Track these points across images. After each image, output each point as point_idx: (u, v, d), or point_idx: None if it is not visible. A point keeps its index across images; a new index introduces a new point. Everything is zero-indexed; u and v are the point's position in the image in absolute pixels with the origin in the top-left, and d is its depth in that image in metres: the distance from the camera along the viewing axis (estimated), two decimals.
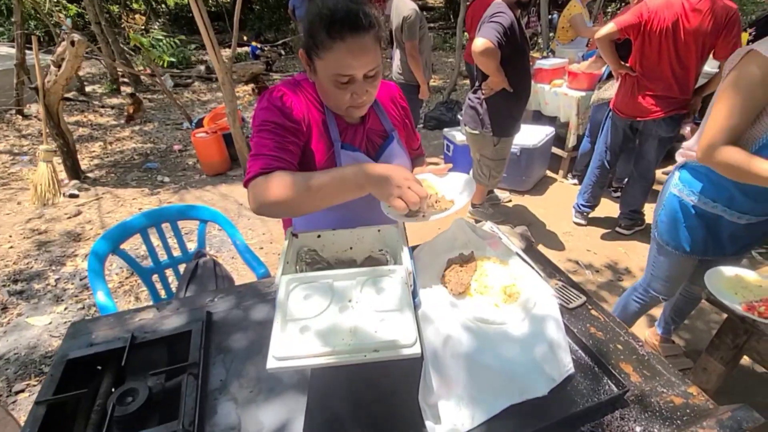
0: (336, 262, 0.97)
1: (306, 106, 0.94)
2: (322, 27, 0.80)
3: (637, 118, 2.47)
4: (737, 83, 1.12)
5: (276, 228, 3.11)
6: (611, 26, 2.31)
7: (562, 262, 2.68)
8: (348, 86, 0.86)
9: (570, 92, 3.43)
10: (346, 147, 0.97)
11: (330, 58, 0.82)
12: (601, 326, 0.93)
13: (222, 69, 3.34)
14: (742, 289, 1.09)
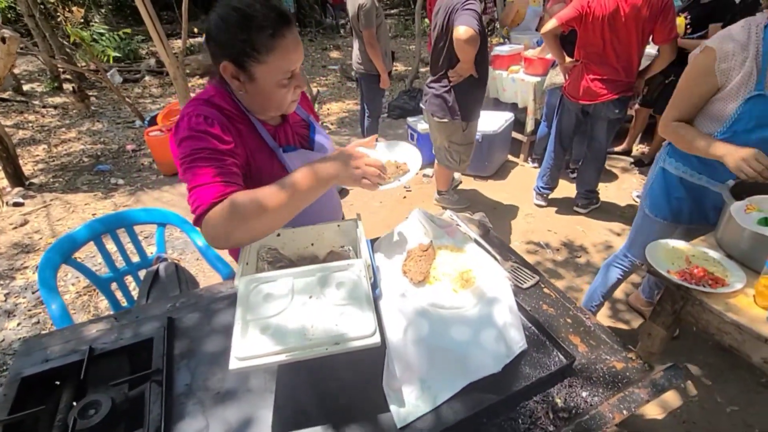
0: (298, 259, 0.98)
1: (230, 122, 0.85)
2: (260, 31, 0.77)
3: (587, 102, 2.59)
4: (688, 71, 1.29)
5: None
6: (553, 22, 2.42)
7: (524, 243, 2.80)
8: (291, 81, 0.85)
9: (526, 78, 3.53)
10: (287, 149, 0.95)
11: (274, 59, 0.80)
12: (552, 302, 1.00)
13: (173, 64, 3.20)
14: (677, 259, 1.19)
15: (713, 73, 1.21)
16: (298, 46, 0.83)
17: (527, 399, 0.76)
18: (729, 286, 1.07)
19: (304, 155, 0.97)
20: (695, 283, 1.09)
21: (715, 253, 1.19)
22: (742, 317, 1.02)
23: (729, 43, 1.19)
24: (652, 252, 1.21)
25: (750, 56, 1.17)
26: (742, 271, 1.12)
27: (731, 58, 1.18)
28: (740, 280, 1.08)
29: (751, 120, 1.23)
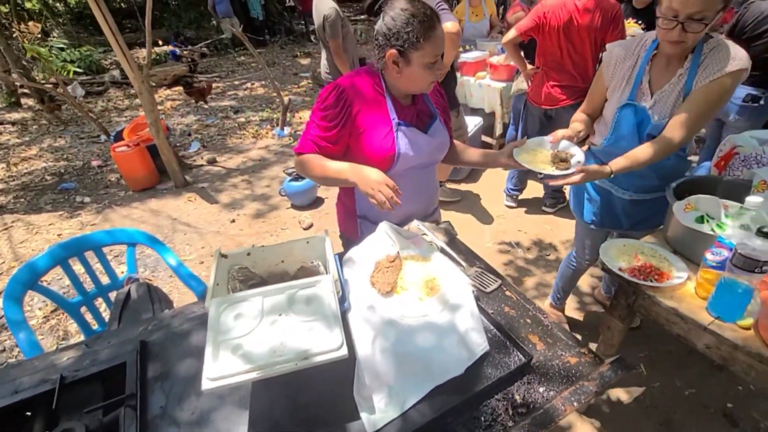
0: (269, 276, 1.01)
1: (370, 93, 1.17)
2: (419, 26, 1.04)
3: (549, 107, 2.72)
4: None
5: (215, 241, 3.02)
6: (513, 32, 2.55)
7: (496, 244, 2.89)
8: (435, 65, 1.11)
9: (492, 83, 3.66)
10: (402, 123, 1.19)
11: (429, 46, 1.06)
12: (514, 304, 1.06)
13: (138, 77, 3.14)
14: (628, 257, 1.29)
15: (601, 75, 1.36)
16: (442, 38, 1.09)
17: (489, 397, 0.82)
18: (673, 279, 1.17)
19: (414, 133, 1.21)
20: (643, 279, 1.18)
21: (662, 249, 1.29)
22: (685, 308, 1.12)
23: (616, 50, 1.33)
24: (606, 251, 1.30)
25: (632, 65, 1.30)
26: (685, 264, 1.21)
27: (614, 64, 1.33)
28: (683, 274, 1.18)
29: (627, 127, 1.34)
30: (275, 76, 7.89)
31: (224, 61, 9.35)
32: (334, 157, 1.17)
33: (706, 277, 1.11)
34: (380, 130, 1.17)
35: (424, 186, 1.36)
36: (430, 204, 1.43)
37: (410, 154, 1.20)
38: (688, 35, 1.12)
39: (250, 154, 4.48)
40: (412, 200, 1.31)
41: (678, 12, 1.09)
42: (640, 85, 1.32)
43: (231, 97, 6.75)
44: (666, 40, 1.17)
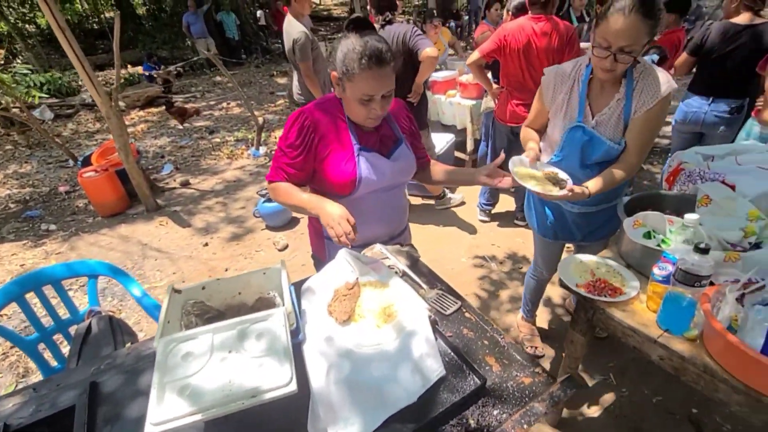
0: (227, 309, 1.00)
1: (331, 120, 1.21)
2: (356, 58, 1.05)
3: (515, 124, 2.81)
4: None
5: (187, 266, 2.97)
6: (476, 54, 2.67)
7: (471, 259, 2.93)
8: (369, 103, 1.12)
9: (463, 101, 3.76)
10: (363, 149, 1.22)
11: (358, 82, 1.08)
12: (473, 326, 1.08)
13: (105, 102, 3.10)
14: (584, 273, 1.33)
15: (541, 97, 1.43)
16: (382, 81, 1.09)
17: (444, 423, 0.82)
18: (626, 294, 1.21)
19: (376, 158, 1.24)
20: (598, 294, 1.23)
21: (617, 263, 1.34)
22: (637, 321, 1.16)
23: (553, 74, 1.40)
24: (564, 267, 1.34)
25: (570, 89, 1.37)
26: (636, 279, 1.26)
27: (552, 87, 1.40)
28: (635, 288, 1.23)
29: (575, 147, 1.42)
30: (251, 95, 7.91)
31: (200, 81, 9.31)
32: (303, 183, 1.25)
33: (654, 291, 1.16)
34: (342, 156, 1.21)
35: (390, 208, 1.38)
36: (397, 225, 1.45)
37: (372, 178, 1.23)
38: (618, 65, 1.23)
39: (225, 175, 4.44)
40: (377, 222, 1.35)
41: (611, 44, 1.19)
42: (585, 107, 1.40)
43: (206, 117, 6.71)
44: (599, 67, 1.27)
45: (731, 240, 1.18)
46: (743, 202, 1.32)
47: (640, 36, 1.17)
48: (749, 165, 1.53)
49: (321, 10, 17.72)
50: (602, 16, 1.21)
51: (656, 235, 1.24)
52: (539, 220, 1.76)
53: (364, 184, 1.22)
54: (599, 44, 1.21)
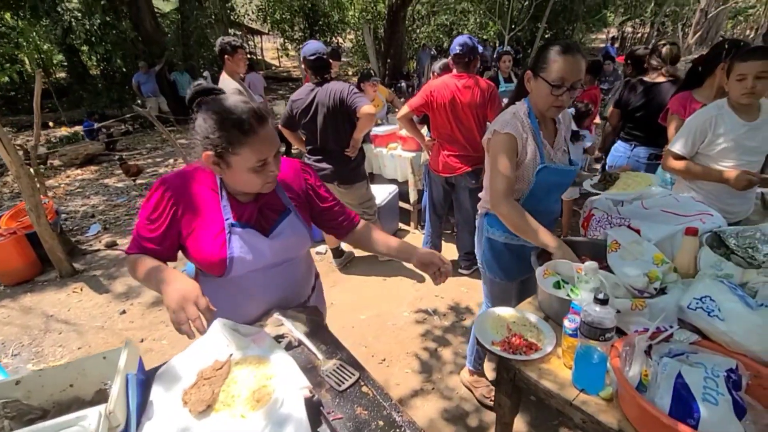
0: (54, 406, 0.80)
1: (200, 191, 1.08)
2: (234, 128, 0.95)
3: (448, 174, 2.85)
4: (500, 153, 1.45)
5: (96, 339, 2.62)
6: (405, 109, 2.75)
7: (413, 313, 2.80)
8: (264, 168, 1.01)
9: (404, 153, 3.83)
10: (237, 224, 1.08)
11: (247, 151, 0.97)
12: (368, 403, 0.94)
13: (15, 161, 2.86)
14: (501, 328, 1.24)
15: (514, 148, 1.43)
16: (271, 140, 1.00)
17: None
18: (542, 350, 1.13)
19: (252, 235, 1.09)
20: (513, 352, 1.13)
21: (533, 316, 1.27)
22: (553, 382, 1.06)
23: (514, 128, 1.43)
24: (481, 324, 1.24)
25: (530, 137, 1.41)
26: (553, 332, 1.19)
27: (521, 138, 1.43)
28: (551, 343, 1.14)
29: (545, 186, 1.48)
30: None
31: (149, 138, 9.09)
32: (166, 259, 1.07)
33: (568, 345, 1.08)
34: (209, 232, 1.07)
35: (282, 284, 1.22)
36: (295, 297, 1.27)
37: (247, 258, 1.09)
38: (567, 99, 1.37)
39: None
40: (266, 299, 1.20)
41: (566, 80, 1.32)
42: (543, 148, 1.48)
43: (151, 174, 6.45)
44: (555, 105, 1.38)
45: (637, 286, 1.15)
46: (648, 246, 1.32)
47: (583, 71, 1.34)
48: (654, 209, 1.57)
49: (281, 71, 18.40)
50: (546, 61, 1.34)
51: (566, 285, 1.19)
52: (505, 266, 1.71)
53: (237, 265, 1.08)
54: (555, 83, 1.32)
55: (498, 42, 13.76)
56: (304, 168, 1.26)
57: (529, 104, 1.46)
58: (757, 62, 1.62)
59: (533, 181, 1.48)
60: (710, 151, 1.81)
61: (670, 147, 1.90)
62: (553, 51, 1.32)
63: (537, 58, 1.38)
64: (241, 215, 1.10)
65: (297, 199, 1.22)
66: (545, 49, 1.36)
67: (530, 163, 1.47)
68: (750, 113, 1.76)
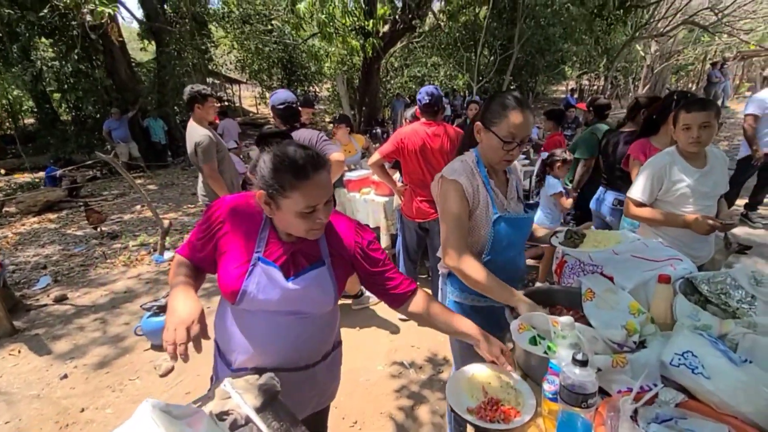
0: None
1: (247, 218, 1.11)
2: (288, 172, 0.96)
3: (422, 220, 2.82)
4: (450, 203, 1.36)
5: (29, 410, 2.30)
6: (377, 155, 2.76)
7: (387, 366, 2.63)
8: (312, 214, 1.00)
9: (377, 198, 3.81)
10: (263, 260, 1.07)
11: (297, 195, 0.97)
12: None
13: None
14: (476, 391, 1.13)
15: (464, 197, 1.34)
16: (323, 187, 1.00)
17: None
18: (521, 417, 1.02)
19: (272, 275, 1.06)
20: (490, 420, 1.02)
21: (510, 377, 1.17)
22: None
23: (463, 175, 1.36)
24: (453, 388, 1.13)
25: (480, 184, 1.36)
26: (533, 394, 1.09)
27: (468, 185, 1.35)
28: (531, 407, 1.04)
29: (503, 239, 1.37)
30: (171, 197, 7.58)
31: (116, 183, 8.82)
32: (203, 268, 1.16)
33: (549, 410, 0.98)
34: (237, 259, 1.08)
35: (289, 336, 1.12)
36: (295, 357, 1.16)
37: (258, 297, 1.06)
38: (517, 154, 1.35)
39: (115, 285, 3.87)
40: (268, 347, 1.12)
41: (516, 136, 1.30)
42: (495, 198, 1.41)
43: (115, 221, 6.18)
44: (505, 159, 1.35)
45: (616, 339, 1.08)
46: (623, 294, 1.28)
47: (532, 126, 1.35)
48: (625, 254, 1.55)
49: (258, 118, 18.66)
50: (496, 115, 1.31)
51: (542, 341, 1.11)
52: None
53: (247, 301, 1.06)
54: (506, 138, 1.29)
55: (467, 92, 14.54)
56: (359, 228, 1.21)
57: (477, 154, 1.41)
58: (701, 113, 1.70)
59: (492, 234, 1.39)
60: (669, 197, 1.86)
61: (631, 195, 1.94)
62: (502, 106, 1.30)
63: (486, 110, 1.35)
64: (273, 252, 1.09)
65: (339, 255, 1.15)
66: (494, 101, 1.34)
67: (483, 213, 1.38)
68: (698, 160, 1.83)
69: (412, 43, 15.60)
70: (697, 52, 16.31)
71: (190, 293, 1.03)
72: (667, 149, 1.89)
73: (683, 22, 11.11)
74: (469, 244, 1.41)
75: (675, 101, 2.11)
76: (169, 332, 0.91)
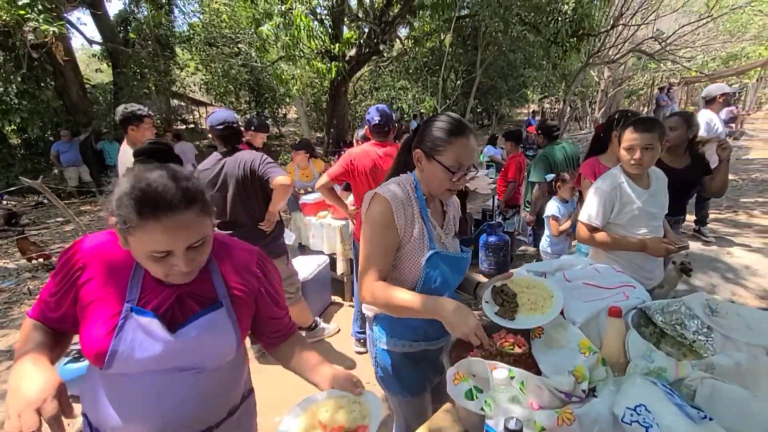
0: None
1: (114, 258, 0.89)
2: (130, 205, 0.76)
3: None
4: (372, 224, 1.19)
5: None
6: (325, 178, 2.61)
7: None
8: (167, 259, 0.81)
9: (333, 222, 3.63)
10: (138, 310, 0.87)
11: (143, 237, 0.78)
12: None
13: None
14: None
15: (394, 223, 1.17)
16: (180, 231, 0.79)
17: None
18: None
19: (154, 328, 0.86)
20: None
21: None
22: None
23: (397, 196, 1.19)
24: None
25: (415, 212, 1.21)
26: (378, 403, 0.92)
27: (402, 211, 1.18)
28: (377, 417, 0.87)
29: (436, 279, 1.21)
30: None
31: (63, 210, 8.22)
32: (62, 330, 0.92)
33: None
34: (102, 313, 0.87)
35: (180, 394, 0.91)
36: (194, 421, 0.96)
37: (134, 356, 0.86)
38: (463, 182, 1.22)
39: None
40: (153, 412, 0.90)
41: (462, 164, 1.17)
42: (433, 229, 1.24)
43: (56, 250, 5.66)
44: (451, 188, 1.20)
45: (563, 388, 0.93)
46: (574, 331, 1.15)
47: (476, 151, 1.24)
48: (576, 281, 1.44)
49: None
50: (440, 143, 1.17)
51: (480, 394, 0.95)
52: (408, 381, 1.36)
53: (119, 363, 0.86)
54: (452, 167, 1.16)
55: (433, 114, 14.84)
56: (261, 260, 1.03)
57: (416, 179, 1.25)
58: (644, 135, 1.66)
59: (424, 272, 1.20)
60: (620, 220, 1.79)
61: (583, 219, 1.86)
62: (445, 132, 1.16)
63: (425, 136, 1.20)
64: (151, 299, 0.89)
65: (240, 292, 0.98)
66: (432, 126, 1.19)
67: (416, 246, 1.20)
68: (643, 180, 1.79)
69: (380, 66, 15.87)
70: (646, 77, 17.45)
71: (41, 364, 0.81)
72: (612, 170, 1.84)
73: (631, 50, 11.81)
74: (394, 279, 1.24)
75: (617, 120, 2.08)
76: (11, 421, 0.71)
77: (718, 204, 5.64)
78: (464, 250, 1.34)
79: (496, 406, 0.89)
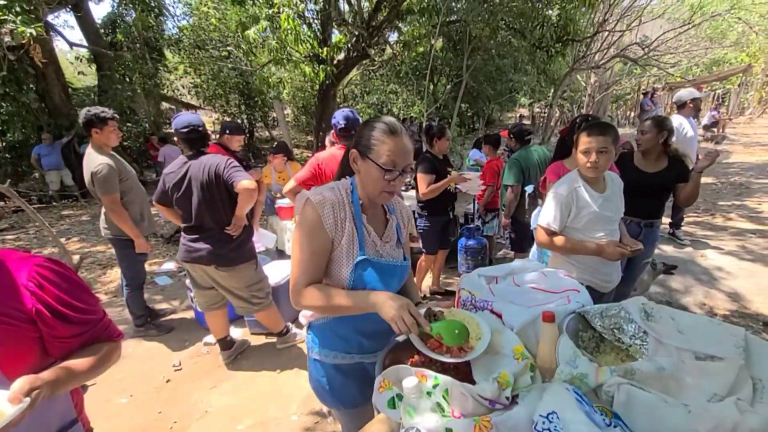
0: None
1: None
2: None
3: None
4: (302, 228, 1.17)
5: None
6: (292, 182, 2.60)
7: (304, 415, 2.37)
8: None
9: None
10: None
11: None
12: None
13: None
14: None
15: (321, 227, 1.15)
16: None
17: None
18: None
19: None
20: None
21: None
22: None
23: (325, 200, 1.17)
24: None
25: (347, 217, 1.19)
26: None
27: (331, 214, 1.16)
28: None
29: (365, 286, 1.18)
30: None
31: (44, 214, 8.08)
32: None
33: None
34: None
35: None
36: None
37: None
38: (399, 185, 1.19)
39: None
40: None
41: (397, 164, 1.15)
42: (366, 236, 1.21)
43: None
44: (386, 190, 1.18)
45: (486, 395, 0.92)
46: (510, 336, 1.14)
47: (412, 154, 1.20)
48: (525, 285, 1.44)
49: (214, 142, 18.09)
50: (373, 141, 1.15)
51: (401, 402, 0.93)
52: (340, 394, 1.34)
53: None
54: (386, 166, 1.13)
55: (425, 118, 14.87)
56: (40, 271, 0.87)
57: (354, 183, 1.23)
58: (599, 138, 1.67)
59: (352, 277, 1.17)
60: (577, 224, 1.80)
61: (541, 223, 1.86)
62: (378, 131, 1.15)
63: (360, 136, 1.19)
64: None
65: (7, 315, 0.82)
66: (366, 127, 1.18)
67: (344, 250, 1.18)
68: (599, 184, 1.80)
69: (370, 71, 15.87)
70: (632, 83, 17.69)
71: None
72: (570, 174, 1.85)
73: (616, 56, 11.97)
74: (327, 279, 1.22)
75: (578, 125, 2.10)
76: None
77: (696, 207, 5.71)
78: (406, 259, 1.32)
79: (415, 415, 0.87)
